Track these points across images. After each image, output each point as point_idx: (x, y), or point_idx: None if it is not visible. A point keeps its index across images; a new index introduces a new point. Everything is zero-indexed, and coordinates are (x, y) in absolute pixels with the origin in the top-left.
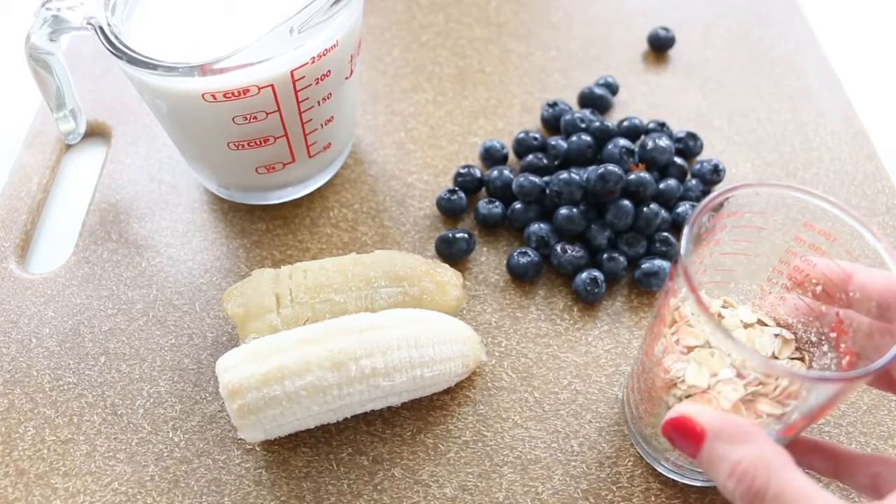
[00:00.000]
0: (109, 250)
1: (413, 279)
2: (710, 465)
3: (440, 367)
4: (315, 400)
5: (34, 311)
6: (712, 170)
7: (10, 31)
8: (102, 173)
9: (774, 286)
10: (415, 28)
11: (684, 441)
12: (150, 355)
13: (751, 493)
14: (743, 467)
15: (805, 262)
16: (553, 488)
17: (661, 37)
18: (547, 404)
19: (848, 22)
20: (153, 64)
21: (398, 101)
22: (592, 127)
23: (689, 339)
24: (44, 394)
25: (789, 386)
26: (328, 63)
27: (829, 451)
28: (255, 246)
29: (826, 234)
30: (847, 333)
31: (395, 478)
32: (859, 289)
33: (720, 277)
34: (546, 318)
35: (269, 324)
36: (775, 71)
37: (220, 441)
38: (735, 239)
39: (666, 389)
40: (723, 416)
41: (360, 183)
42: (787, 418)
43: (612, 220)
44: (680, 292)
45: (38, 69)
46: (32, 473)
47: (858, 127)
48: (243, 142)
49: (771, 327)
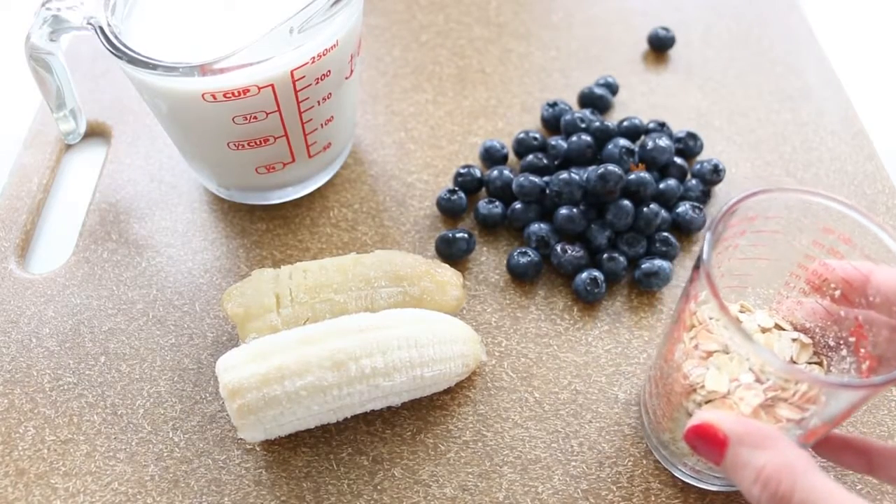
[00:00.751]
0: (109, 250)
1: (413, 279)
2: (734, 471)
3: (440, 367)
4: (315, 400)
5: (34, 311)
6: (712, 170)
7: (10, 30)
8: (102, 173)
9: (792, 290)
10: (415, 28)
11: (707, 448)
12: (150, 355)
13: (776, 498)
14: (767, 473)
15: (823, 267)
16: (553, 488)
17: (661, 37)
18: (547, 404)
19: (848, 22)
20: (153, 64)
21: (398, 101)
22: (592, 127)
23: (709, 344)
24: (44, 394)
25: (809, 391)
26: (328, 63)
27: (860, 447)
28: (255, 246)
29: (845, 239)
30: (867, 338)
31: (395, 478)
32: (878, 292)
33: (737, 282)
34: (546, 318)
35: (269, 324)
36: (775, 71)
37: (220, 441)
38: (753, 243)
39: (685, 395)
40: (745, 422)
41: (360, 183)
42: (807, 423)
43: (612, 220)
44: (700, 296)
45: (38, 69)
46: (32, 473)
47: (858, 127)
48: (243, 142)
49: (788, 332)
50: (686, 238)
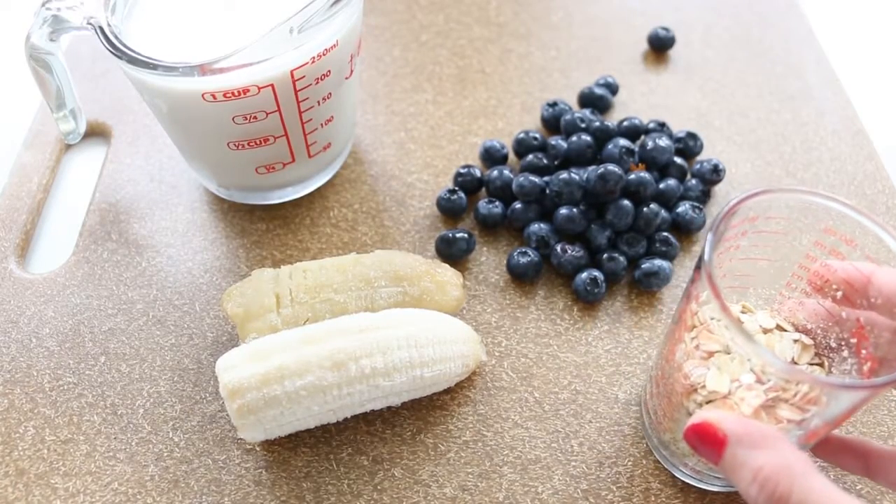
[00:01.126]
0: (109, 250)
1: (413, 279)
2: (732, 471)
3: (440, 367)
4: (315, 400)
5: (34, 311)
6: (712, 170)
7: (10, 30)
8: (102, 173)
9: (794, 291)
10: (415, 28)
11: (706, 447)
12: (150, 355)
13: (774, 499)
14: (765, 473)
15: (825, 268)
16: (553, 488)
17: (661, 37)
18: (547, 404)
19: (848, 22)
20: (153, 64)
21: (398, 101)
22: (592, 127)
23: (710, 345)
24: (44, 394)
25: (810, 392)
26: (328, 63)
27: (859, 450)
28: (255, 246)
29: (846, 240)
30: (868, 339)
31: (395, 478)
32: (880, 293)
33: (738, 283)
34: (546, 318)
35: (269, 324)
36: (775, 71)
37: (220, 441)
38: (754, 244)
39: (686, 395)
40: (745, 422)
41: (360, 183)
42: (808, 424)
43: (612, 220)
44: (701, 297)
45: (38, 69)
46: (32, 473)
47: (858, 127)
48: (243, 142)
49: (790, 333)
50: (686, 238)
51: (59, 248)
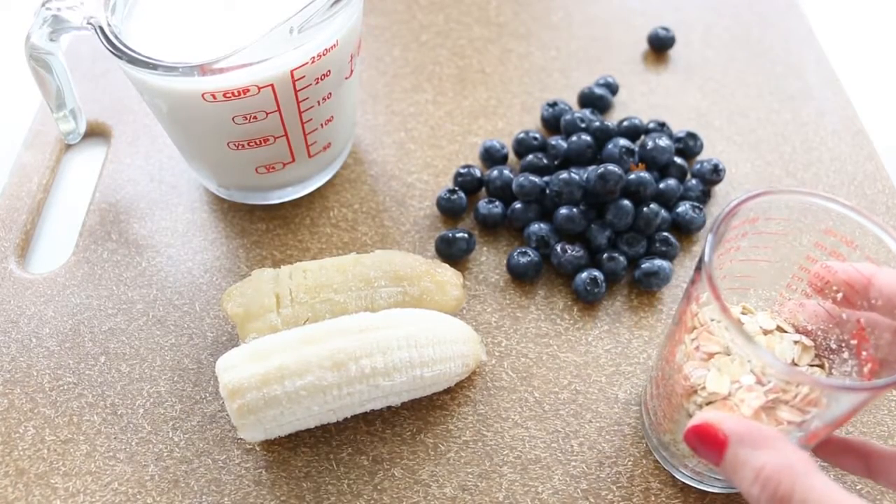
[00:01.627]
0: (109, 250)
1: (413, 279)
2: (733, 471)
3: (440, 367)
4: (315, 400)
5: (34, 311)
6: (712, 170)
7: (10, 30)
8: (102, 173)
9: (794, 293)
10: (415, 28)
11: (707, 448)
12: (150, 355)
13: (775, 498)
14: (766, 473)
15: (825, 269)
16: (553, 488)
17: (661, 37)
18: (547, 404)
19: (848, 22)
20: (153, 64)
21: (398, 101)
22: (592, 127)
23: (710, 346)
24: (44, 394)
25: (810, 393)
26: (328, 63)
27: (860, 450)
28: (255, 246)
29: (847, 241)
30: (868, 341)
31: (395, 478)
32: (880, 294)
33: (739, 284)
34: (546, 318)
35: (269, 324)
36: (775, 71)
37: (220, 441)
38: (754, 245)
39: (686, 396)
40: (745, 423)
41: (360, 183)
42: (808, 426)
43: (612, 220)
44: (701, 298)
45: (38, 69)
46: (32, 473)
47: (858, 127)
48: (243, 142)
49: (790, 334)
50: (686, 238)
51: (59, 248)
